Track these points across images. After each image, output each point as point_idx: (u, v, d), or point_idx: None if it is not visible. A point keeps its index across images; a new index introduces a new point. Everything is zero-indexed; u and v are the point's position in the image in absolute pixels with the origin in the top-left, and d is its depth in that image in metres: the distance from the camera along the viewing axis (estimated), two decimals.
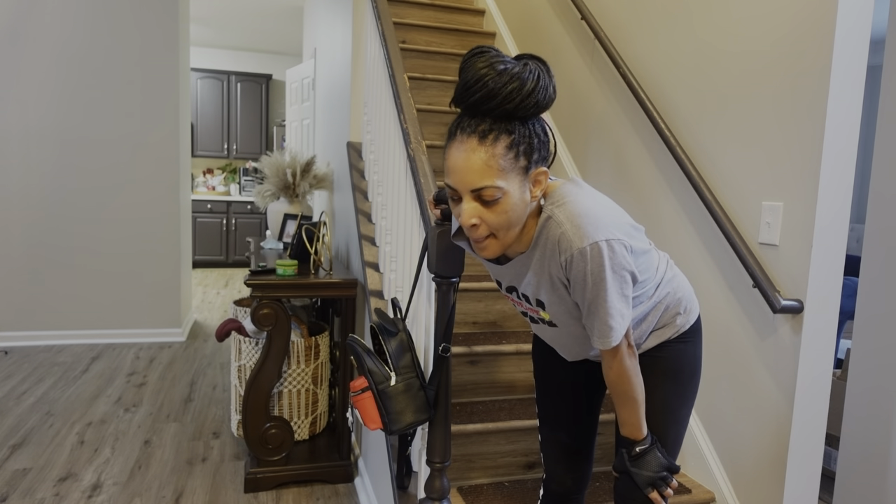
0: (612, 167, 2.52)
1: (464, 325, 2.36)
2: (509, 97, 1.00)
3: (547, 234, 1.12)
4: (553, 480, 1.48)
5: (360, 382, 1.50)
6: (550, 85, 1.04)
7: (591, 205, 1.10)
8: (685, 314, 1.32)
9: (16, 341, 4.47)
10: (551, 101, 1.05)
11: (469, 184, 1.04)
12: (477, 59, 1.01)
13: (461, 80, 1.02)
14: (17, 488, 2.51)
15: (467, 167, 1.03)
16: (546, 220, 1.12)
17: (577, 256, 1.07)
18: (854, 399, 2.17)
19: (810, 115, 1.65)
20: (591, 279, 1.08)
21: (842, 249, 1.66)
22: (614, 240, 1.07)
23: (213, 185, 8.31)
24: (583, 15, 2.61)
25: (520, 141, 1.03)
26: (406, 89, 2.10)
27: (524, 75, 1.01)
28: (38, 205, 4.44)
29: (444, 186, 1.06)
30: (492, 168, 1.02)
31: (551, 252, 1.12)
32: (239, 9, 6.32)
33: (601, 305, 1.11)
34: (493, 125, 1.02)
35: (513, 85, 1.00)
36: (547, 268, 1.15)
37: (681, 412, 1.33)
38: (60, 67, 4.39)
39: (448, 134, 1.07)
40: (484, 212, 1.06)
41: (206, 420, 3.28)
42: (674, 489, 1.26)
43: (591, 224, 1.07)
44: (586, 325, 1.17)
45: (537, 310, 1.26)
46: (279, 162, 3.46)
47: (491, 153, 1.02)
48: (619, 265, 1.09)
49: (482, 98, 1.00)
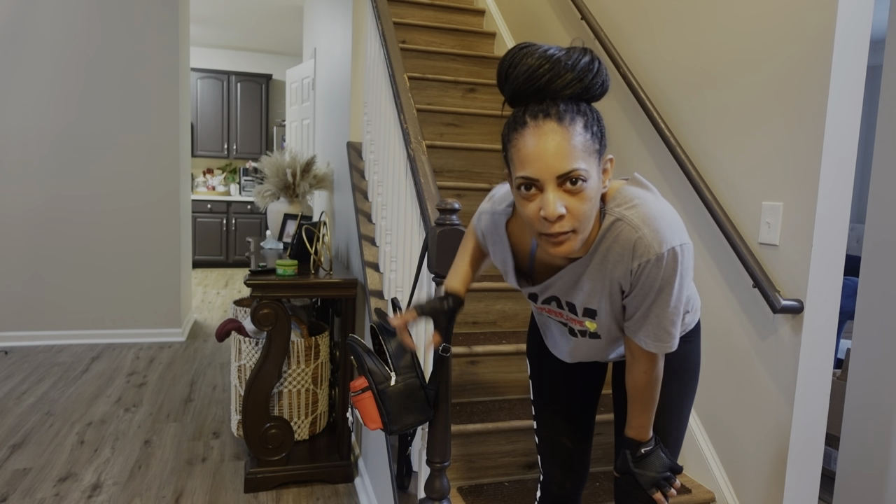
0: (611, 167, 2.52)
1: (464, 325, 2.36)
2: (581, 74, 0.95)
3: (616, 238, 1.06)
4: (552, 482, 1.47)
5: (360, 382, 1.50)
6: (607, 70, 1.00)
7: (663, 207, 1.06)
8: (693, 312, 1.31)
9: (16, 341, 4.47)
10: (609, 86, 1.01)
11: (556, 169, 0.95)
12: (527, 51, 0.97)
13: (520, 69, 0.96)
14: (17, 488, 2.51)
15: (550, 151, 0.94)
16: (613, 222, 1.06)
17: (654, 262, 1.03)
18: (854, 399, 2.17)
19: (810, 115, 1.65)
20: (660, 284, 1.05)
21: (842, 249, 1.66)
22: (686, 244, 1.05)
23: (213, 185, 8.31)
24: (583, 15, 2.61)
25: (592, 122, 0.98)
26: (406, 89, 2.10)
27: (588, 56, 0.97)
28: (37, 205, 4.44)
29: (520, 179, 0.98)
30: (576, 149, 0.95)
31: (618, 256, 1.06)
32: (239, 9, 6.32)
33: (664, 310, 1.08)
34: (567, 106, 0.96)
35: (584, 59, 0.96)
36: (608, 273, 1.09)
37: (683, 411, 1.34)
38: (60, 67, 4.39)
39: (512, 125, 0.99)
40: (570, 200, 0.97)
41: (206, 420, 3.27)
42: (677, 489, 1.25)
43: (667, 228, 1.03)
44: (634, 327, 1.13)
45: (582, 320, 1.20)
46: (279, 162, 3.46)
47: (572, 133, 0.95)
48: (688, 270, 1.07)
49: (553, 76, 0.95)
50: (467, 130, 3.12)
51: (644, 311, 1.11)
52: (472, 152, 2.92)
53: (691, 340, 1.34)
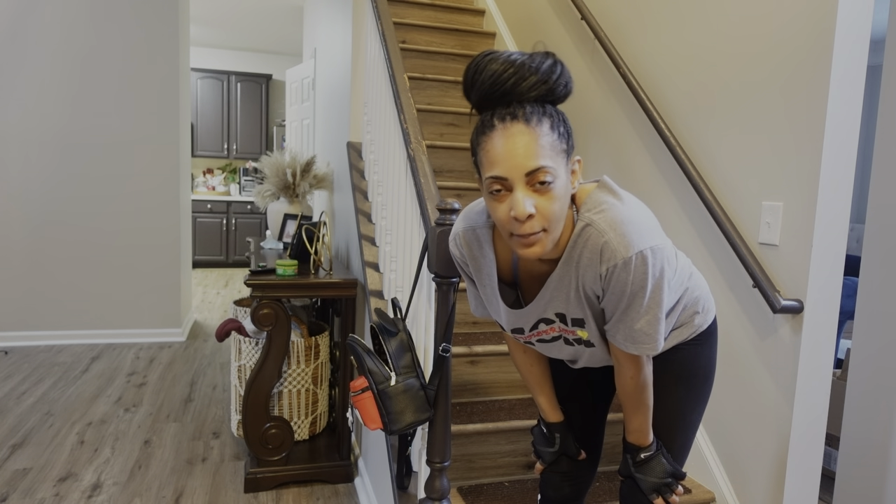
0: (611, 167, 2.52)
1: (464, 325, 2.36)
2: (545, 76, 0.98)
3: (585, 243, 1.06)
4: (548, 486, 1.44)
5: (360, 382, 1.50)
6: (569, 72, 1.02)
7: (630, 210, 1.06)
8: (703, 313, 1.29)
9: (16, 341, 4.47)
10: (573, 88, 1.03)
11: (523, 167, 0.97)
12: (491, 58, 0.99)
13: (486, 75, 0.99)
14: (17, 488, 2.51)
15: (518, 151, 0.97)
16: (584, 227, 1.06)
17: (622, 266, 1.03)
18: (854, 399, 2.17)
19: (810, 115, 1.65)
20: (632, 288, 1.05)
21: (842, 249, 1.66)
22: (657, 246, 1.04)
23: (213, 185, 8.31)
24: (583, 15, 2.61)
25: (558, 123, 1.00)
26: (406, 89, 2.10)
27: (549, 59, 0.99)
28: (38, 205, 4.44)
29: (490, 179, 1.00)
30: (543, 148, 0.97)
31: (588, 262, 1.07)
32: (239, 9, 6.32)
33: (638, 313, 1.08)
34: (533, 108, 0.99)
35: (547, 62, 0.98)
36: (580, 278, 1.10)
37: (690, 417, 1.30)
38: (60, 67, 4.39)
39: (480, 129, 1.02)
40: (538, 199, 0.99)
41: (206, 420, 3.27)
42: (679, 496, 1.24)
43: (635, 232, 1.03)
44: (614, 330, 1.13)
45: (574, 330, 1.19)
46: (279, 162, 3.46)
47: (539, 133, 0.97)
48: (663, 272, 1.06)
49: (517, 81, 0.97)
50: (467, 130, 3.12)
51: (619, 315, 1.10)
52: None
53: (701, 343, 1.30)
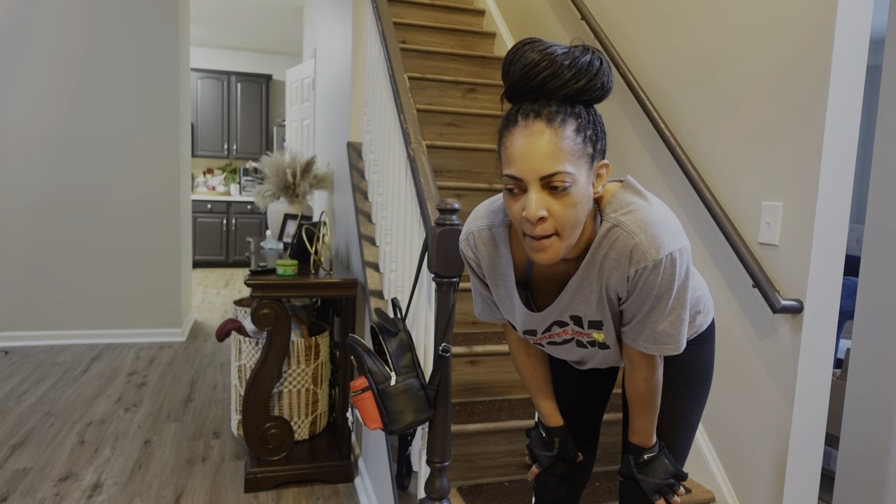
0: (611, 167, 2.52)
1: (464, 325, 2.36)
2: (578, 75, 0.94)
3: (612, 244, 1.03)
4: (544, 489, 1.43)
5: (360, 382, 1.50)
6: (611, 71, 0.98)
7: (659, 211, 1.04)
8: (704, 313, 1.29)
9: (16, 341, 4.47)
10: (611, 87, 0.99)
11: (539, 170, 0.94)
12: (529, 47, 0.95)
13: (518, 66, 0.95)
14: (17, 488, 2.51)
15: (536, 152, 0.93)
16: (610, 228, 1.03)
17: (652, 268, 1.01)
18: (854, 399, 2.17)
19: (810, 115, 1.65)
20: (658, 290, 1.04)
21: (842, 249, 1.66)
22: (684, 248, 1.03)
23: (213, 185, 8.31)
24: (583, 15, 2.61)
25: (586, 125, 0.96)
26: (406, 89, 2.10)
27: (589, 55, 0.95)
28: (38, 205, 4.44)
29: (506, 178, 0.97)
30: (563, 151, 0.93)
31: (614, 263, 1.04)
32: (239, 9, 6.33)
33: (663, 315, 1.07)
34: (560, 107, 0.95)
35: (583, 59, 0.94)
36: (604, 280, 1.07)
37: (691, 417, 1.30)
38: (60, 67, 4.39)
39: (505, 123, 0.98)
40: (553, 203, 0.96)
41: (207, 420, 3.28)
42: (681, 496, 1.24)
43: (665, 233, 1.01)
44: (633, 333, 1.12)
45: (589, 332, 1.17)
46: (279, 162, 3.46)
47: (561, 136, 0.94)
48: (687, 273, 1.05)
49: (548, 76, 0.93)
50: (467, 130, 3.12)
51: (642, 317, 1.09)
52: (472, 152, 2.92)
53: (702, 343, 1.30)
